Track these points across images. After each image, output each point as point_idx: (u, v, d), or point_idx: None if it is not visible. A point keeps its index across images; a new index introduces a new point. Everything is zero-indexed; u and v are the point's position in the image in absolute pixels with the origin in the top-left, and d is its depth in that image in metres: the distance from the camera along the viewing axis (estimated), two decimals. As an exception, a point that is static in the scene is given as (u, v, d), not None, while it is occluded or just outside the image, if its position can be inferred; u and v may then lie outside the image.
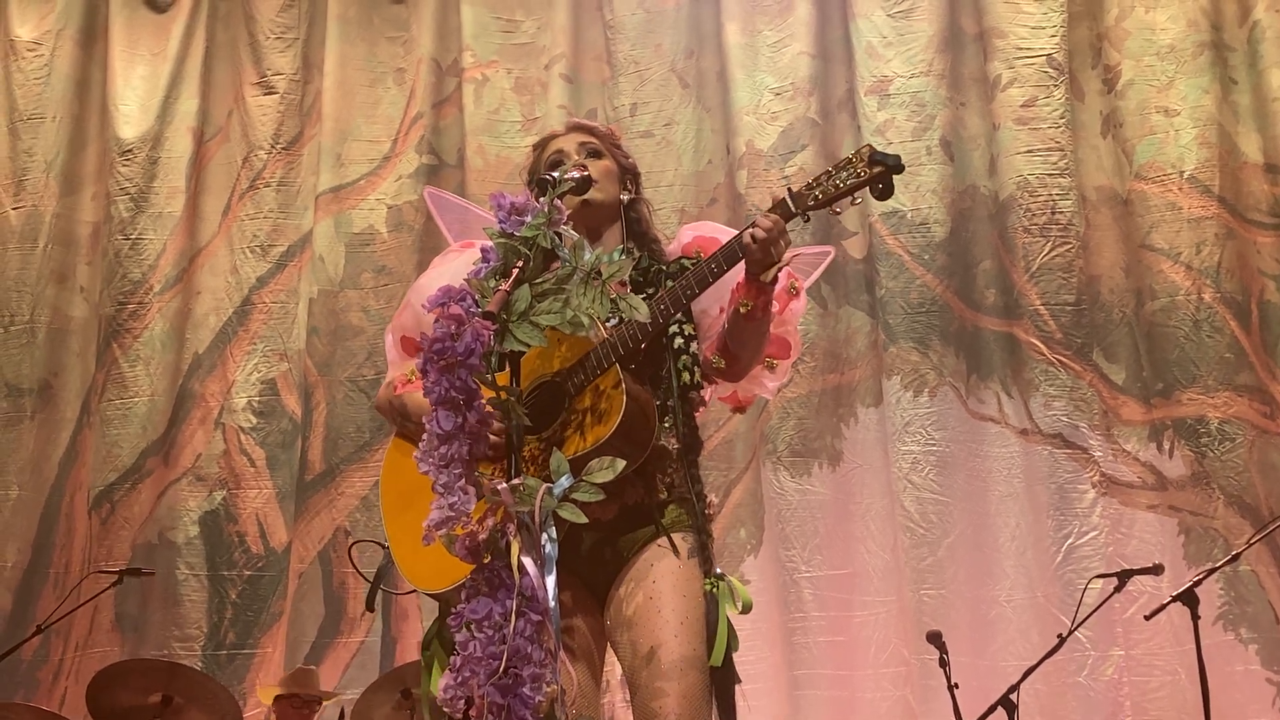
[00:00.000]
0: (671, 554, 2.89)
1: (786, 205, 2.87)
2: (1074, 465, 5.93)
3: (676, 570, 2.87)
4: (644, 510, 2.94)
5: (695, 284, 2.89)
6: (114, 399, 6.67)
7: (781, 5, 6.69)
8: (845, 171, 2.82)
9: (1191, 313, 6.03)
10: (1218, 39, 6.30)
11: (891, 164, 2.77)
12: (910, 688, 5.75)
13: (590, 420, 2.83)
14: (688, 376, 2.99)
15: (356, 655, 6.24)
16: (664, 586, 2.86)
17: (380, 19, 7.12)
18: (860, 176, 2.80)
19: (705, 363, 3.10)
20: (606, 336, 2.86)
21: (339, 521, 6.39)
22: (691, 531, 2.94)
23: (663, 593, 2.85)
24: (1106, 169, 6.31)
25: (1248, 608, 5.69)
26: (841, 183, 2.82)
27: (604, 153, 3.27)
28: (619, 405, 2.78)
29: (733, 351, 3.10)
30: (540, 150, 3.34)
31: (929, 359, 6.15)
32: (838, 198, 2.83)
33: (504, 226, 2.63)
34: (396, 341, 3.36)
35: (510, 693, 2.36)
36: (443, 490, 2.44)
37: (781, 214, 2.87)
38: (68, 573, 6.51)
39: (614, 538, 2.95)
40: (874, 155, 2.79)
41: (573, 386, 2.87)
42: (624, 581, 2.92)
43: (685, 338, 3.02)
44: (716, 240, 3.12)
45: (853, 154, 2.83)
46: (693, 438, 3.04)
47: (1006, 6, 6.38)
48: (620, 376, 2.82)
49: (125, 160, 6.94)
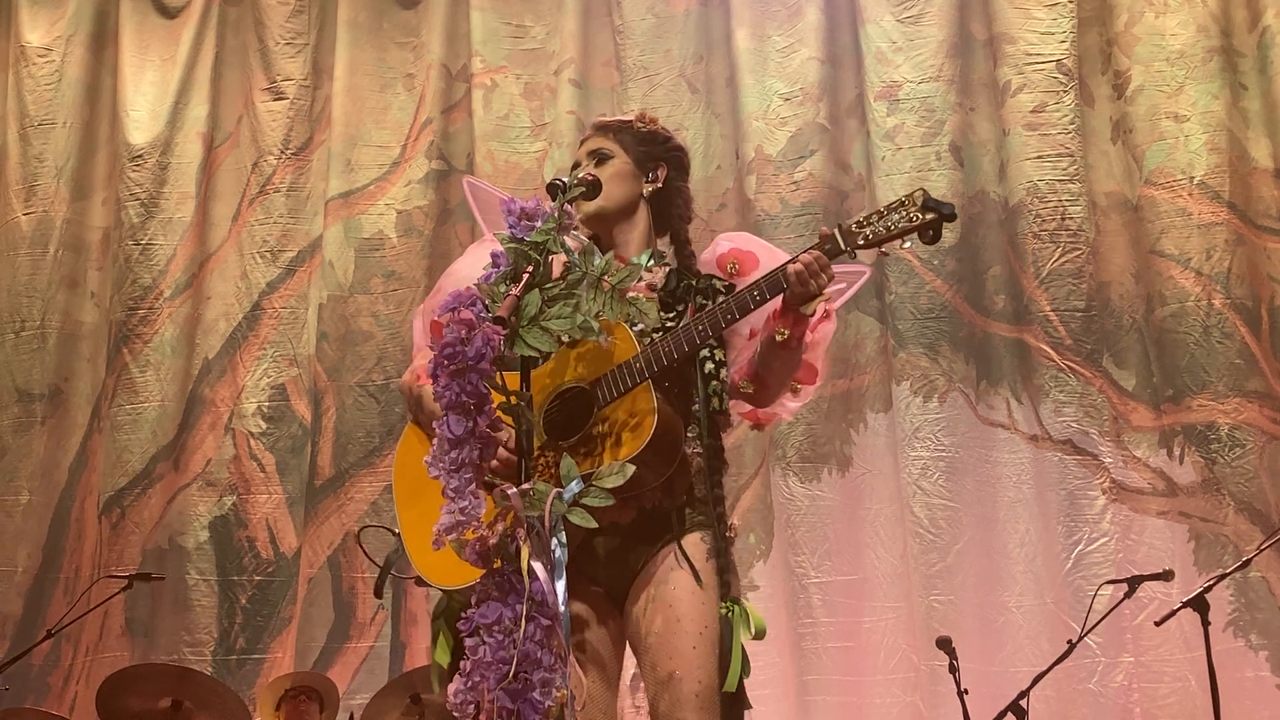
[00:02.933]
0: (690, 574, 2.90)
1: (836, 241, 2.86)
2: (1084, 471, 5.92)
3: (695, 595, 2.88)
4: (662, 514, 2.95)
5: (736, 310, 2.89)
6: (124, 404, 6.68)
7: (791, 10, 6.69)
8: (897, 214, 2.81)
9: (1201, 319, 6.01)
10: (1227, 45, 6.29)
11: (946, 213, 2.77)
12: (920, 693, 5.74)
13: (621, 434, 2.84)
14: (716, 403, 3.00)
15: (366, 660, 6.25)
16: (682, 611, 2.87)
17: (390, 24, 7.12)
18: (912, 221, 2.79)
19: (733, 386, 3.10)
20: (640, 351, 2.87)
21: (349, 526, 6.40)
22: (711, 555, 2.95)
23: (680, 618, 2.87)
24: (1116, 175, 6.30)
25: (1258, 614, 5.68)
26: (893, 225, 2.81)
27: (614, 154, 3.24)
28: (650, 423, 2.79)
29: (762, 378, 3.09)
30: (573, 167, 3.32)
31: (938, 365, 6.15)
32: (887, 240, 2.83)
33: (514, 231, 2.63)
34: (426, 326, 3.27)
35: (520, 697, 2.36)
36: (453, 495, 2.44)
37: (829, 249, 2.86)
38: (78, 578, 6.52)
39: (633, 543, 2.96)
40: (928, 202, 2.79)
41: (602, 397, 2.87)
42: (641, 594, 2.94)
43: (716, 363, 3.02)
44: (753, 255, 3.12)
45: (906, 196, 2.82)
46: (717, 459, 3.03)
47: (1016, 12, 6.38)
48: (653, 394, 2.83)
49: (135, 166, 6.96)
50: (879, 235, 2.83)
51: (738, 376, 3.11)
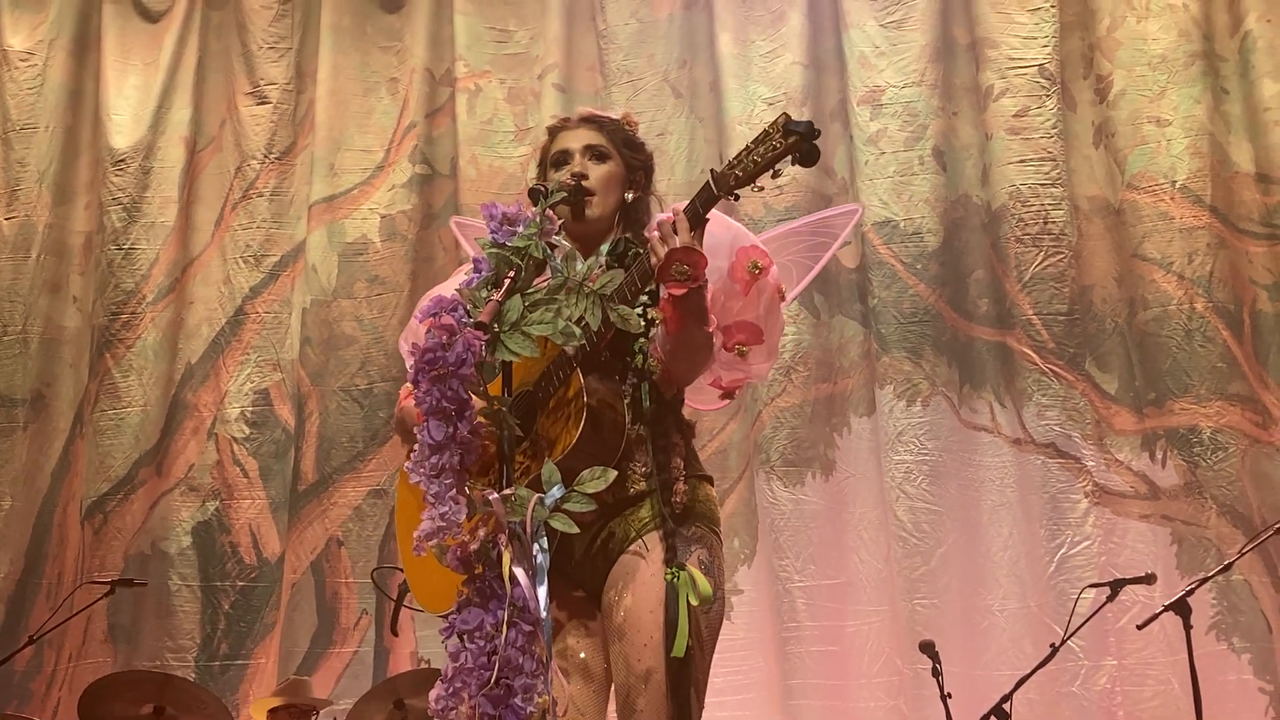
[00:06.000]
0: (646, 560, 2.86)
1: (709, 188, 2.84)
2: (1067, 475, 5.93)
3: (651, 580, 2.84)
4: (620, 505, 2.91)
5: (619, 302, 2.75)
6: (107, 409, 6.67)
7: (774, 15, 6.70)
8: (763, 146, 2.79)
9: (1184, 322, 6.03)
10: (1209, 49, 6.31)
11: (804, 130, 2.73)
12: (903, 697, 5.74)
13: (558, 429, 2.82)
14: (640, 360, 2.93)
15: (349, 665, 6.24)
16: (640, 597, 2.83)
17: (373, 29, 7.12)
18: (778, 148, 2.77)
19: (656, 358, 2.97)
20: None
21: (332, 531, 6.39)
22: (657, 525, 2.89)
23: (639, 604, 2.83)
24: (1099, 179, 6.32)
25: (1240, 617, 5.70)
26: (760, 157, 2.79)
27: (611, 154, 3.16)
28: (579, 411, 2.77)
29: (665, 364, 2.97)
30: (549, 140, 3.24)
31: (922, 368, 6.16)
32: (759, 172, 2.80)
33: (495, 236, 2.63)
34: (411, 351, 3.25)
35: (502, 703, 2.36)
36: (433, 500, 2.44)
37: (706, 197, 2.83)
38: (60, 583, 6.49)
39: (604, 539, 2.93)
40: (788, 124, 2.76)
41: (543, 395, 2.86)
42: (609, 588, 2.90)
43: (648, 321, 2.92)
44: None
45: (768, 126, 2.80)
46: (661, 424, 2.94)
47: (999, 17, 6.40)
48: (580, 382, 2.80)
49: (118, 170, 6.94)
50: (750, 170, 2.81)
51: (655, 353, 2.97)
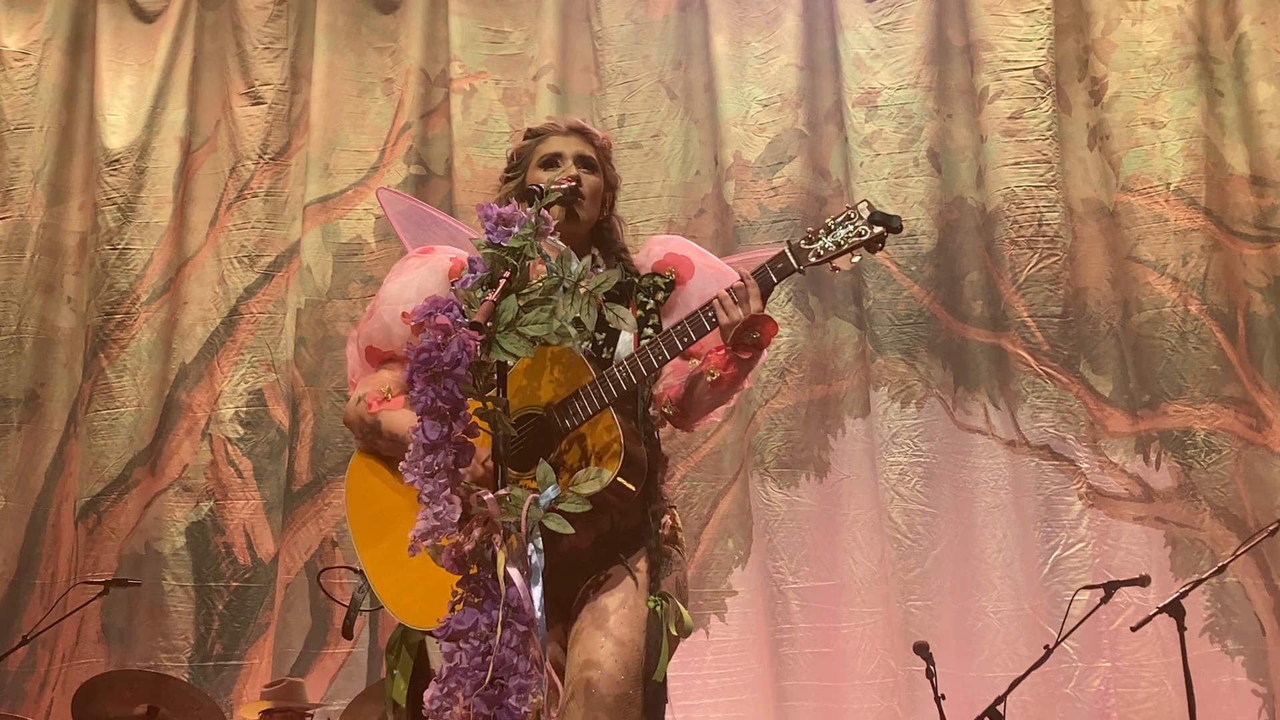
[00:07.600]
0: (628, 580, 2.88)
1: (788, 259, 2.86)
2: (1061, 477, 5.94)
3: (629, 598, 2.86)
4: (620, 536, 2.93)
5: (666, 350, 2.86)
6: (101, 409, 6.65)
7: (769, 17, 6.70)
8: (844, 229, 2.82)
9: (1178, 324, 6.04)
10: (1204, 51, 6.32)
11: (894, 227, 2.79)
12: (897, 699, 5.75)
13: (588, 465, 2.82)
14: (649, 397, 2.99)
15: (343, 666, 6.23)
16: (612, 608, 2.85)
17: (368, 29, 7.11)
18: (860, 236, 2.80)
19: (657, 401, 3.06)
20: (595, 377, 2.84)
21: (326, 532, 6.38)
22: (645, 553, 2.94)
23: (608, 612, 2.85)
24: (1093, 181, 6.32)
25: (1234, 619, 5.70)
26: (842, 240, 2.81)
27: (598, 166, 3.20)
28: (617, 452, 2.78)
29: (686, 409, 3.07)
30: (536, 140, 3.26)
31: (916, 370, 6.16)
32: (837, 255, 2.83)
33: (491, 237, 2.63)
34: (361, 351, 3.24)
35: (496, 704, 2.36)
36: (428, 500, 2.44)
37: (781, 268, 2.85)
38: (54, 583, 6.49)
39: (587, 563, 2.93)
40: (874, 215, 2.79)
41: (564, 426, 2.85)
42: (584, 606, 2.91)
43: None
44: (687, 259, 3.10)
45: (850, 209, 2.83)
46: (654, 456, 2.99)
47: (994, 19, 6.41)
48: (615, 422, 2.81)
49: (112, 170, 6.93)
50: (829, 251, 2.83)
51: (665, 396, 3.07)
